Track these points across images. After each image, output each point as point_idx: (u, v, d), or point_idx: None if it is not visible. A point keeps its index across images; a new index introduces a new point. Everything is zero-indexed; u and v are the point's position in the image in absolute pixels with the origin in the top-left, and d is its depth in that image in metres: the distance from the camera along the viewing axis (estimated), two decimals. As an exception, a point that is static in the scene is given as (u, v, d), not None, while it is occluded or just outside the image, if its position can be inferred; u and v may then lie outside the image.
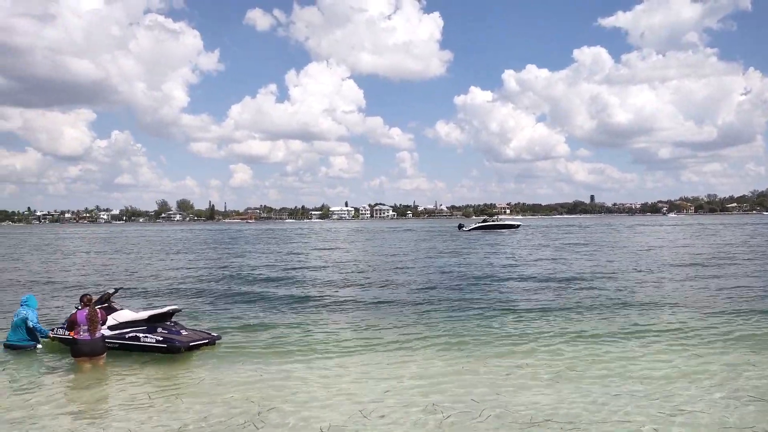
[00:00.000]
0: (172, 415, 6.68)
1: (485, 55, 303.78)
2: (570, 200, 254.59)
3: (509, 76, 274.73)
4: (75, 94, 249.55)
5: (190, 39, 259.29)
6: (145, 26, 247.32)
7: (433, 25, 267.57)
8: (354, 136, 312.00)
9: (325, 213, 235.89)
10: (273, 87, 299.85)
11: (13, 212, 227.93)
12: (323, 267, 25.32)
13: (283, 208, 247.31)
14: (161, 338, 9.07)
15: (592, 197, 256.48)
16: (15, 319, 9.72)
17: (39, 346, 9.69)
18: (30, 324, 9.61)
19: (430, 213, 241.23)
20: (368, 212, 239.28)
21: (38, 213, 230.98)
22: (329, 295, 16.21)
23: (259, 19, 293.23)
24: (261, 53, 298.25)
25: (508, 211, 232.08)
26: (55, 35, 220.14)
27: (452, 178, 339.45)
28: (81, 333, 8.67)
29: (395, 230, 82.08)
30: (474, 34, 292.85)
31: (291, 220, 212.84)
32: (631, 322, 11.47)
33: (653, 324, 11.20)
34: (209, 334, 9.94)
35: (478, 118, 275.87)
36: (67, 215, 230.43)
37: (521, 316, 12.28)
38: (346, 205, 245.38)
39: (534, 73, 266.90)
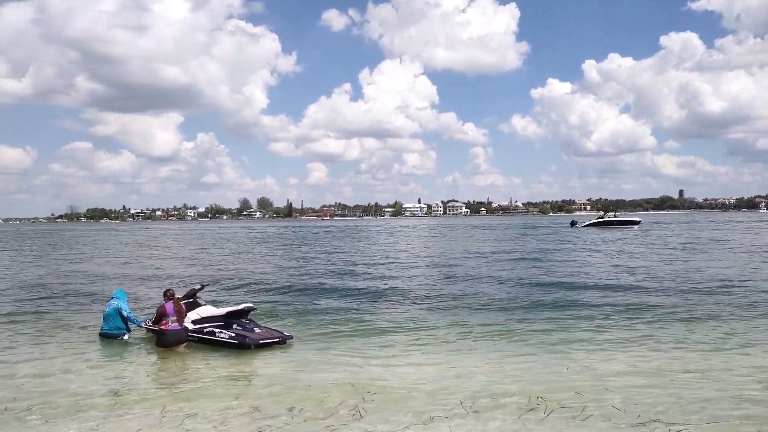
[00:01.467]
0: (275, 398, 7.07)
1: (564, 46, 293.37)
2: (656, 196, 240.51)
3: (590, 67, 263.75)
4: (165, 98, 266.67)
5: (269, 42, 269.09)
6: (228, 31, 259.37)
7: (509, 16, 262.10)
8: (427, 133, 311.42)
9: (397, 210, 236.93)
10: (347, 86, 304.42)
11: (110, 210, 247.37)
12: (411, 264, 25.52)
13: (356, 206, 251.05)
14: (233, 335, 9.72)
15: (681, 192, 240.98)
16: (107, 310, 10.63)
17: (128, 335, 10.57)
18: (124, 313, 10.52)
19: (504, 210, 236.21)
20: (441, 209, 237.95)
21: (132, 211, 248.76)
22: (419, 292, 16.34)
23: (334, 19, 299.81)
24: (336, 53, 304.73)
25: (588, 207, 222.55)
26: (148, 44, 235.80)
27: (529, 174, 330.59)
28: (170, 324, 9.46)
29: (476, 227, 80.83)
30: (552, 23, 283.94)
31: (369, 217, 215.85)
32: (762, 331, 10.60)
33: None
34: (281, 333, 10.32)
35: (556, 110, 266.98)
36: (158, 213, 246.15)
37: (635, 317, 11.87)
38: (419, 202, 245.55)
39: (617, 62, 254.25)
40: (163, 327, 9.47)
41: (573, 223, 67.26)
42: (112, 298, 10.85)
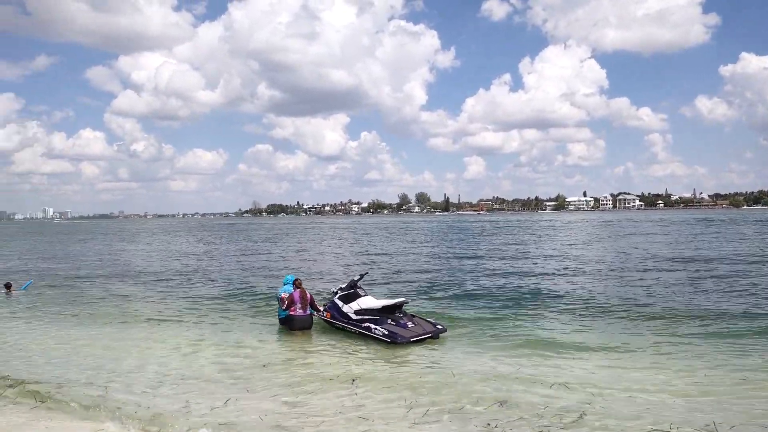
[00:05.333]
0: (479, 394, 6.86)
1: (763, 15, 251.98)
2: None
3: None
4: (334, 101, 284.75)
5: (429, 39, 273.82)
6: (390, 32, 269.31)
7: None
8: (595, 121, 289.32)
9: (560, 204, 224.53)
10: (507, 77, 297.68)
11: (287, 205, 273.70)
12: (583, 268, 24.00)
13: (515, 200, 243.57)
14: (387, 332, 9.89)
15: None
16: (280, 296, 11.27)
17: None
18: None
19: (686, 202, 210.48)
20: (610, 202, 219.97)
21: (305, 206, 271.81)
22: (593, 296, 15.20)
23: (495, 8, 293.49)
24: (495, 44, 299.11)
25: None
26: (318, 50, 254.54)
27: (716, 162, 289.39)
28: (297, 310, 10.45)
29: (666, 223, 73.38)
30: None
31: (528, 212, 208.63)
32: None
33: None
34: (434, 326, 10.35)
35: (752, 89, 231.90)
36: (326, 208, 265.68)
37: None
38: (585, 195, 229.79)
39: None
40: (291, 312, 10.58)
41: None
42: (284, 284, 11.64)
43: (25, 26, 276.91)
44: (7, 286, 17.21)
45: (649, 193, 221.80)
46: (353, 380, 7.66)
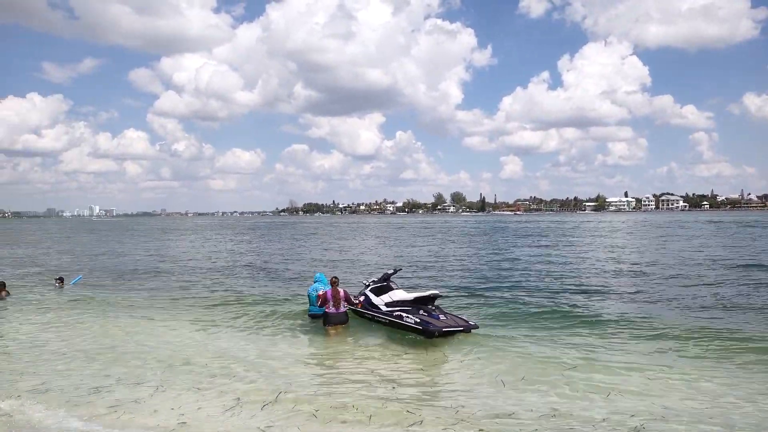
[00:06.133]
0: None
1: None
2: None
3: None
4: (369, 100, 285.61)
5: (465, 37, 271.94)
6: (426, 31, 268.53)
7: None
8: (637, 119, 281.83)
9: (600, 204, 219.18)
10: (545, 74, 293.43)
11: (322, 204, 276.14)
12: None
13: (553, 200, 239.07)
14: (419, 320, 9.82)
15: None
16: (314, 294, 11.37)
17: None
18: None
19: (733, 204, 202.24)
20: (652, 203, 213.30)
21: (340, 205, 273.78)
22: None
23: (533, 5, 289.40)
24: (533, 41, 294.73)
25: None
26: (354, 50, 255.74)
27: (766, 162, 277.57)
28: (330, 307, 10.65)
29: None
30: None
31: (567, 212, 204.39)
32: None
33: None
34: (467, 322, 10.18)
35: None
36: (361, 207, 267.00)
37: None
38: (626, 195, 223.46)
39: None
40: (327, 310, 10.76)
41: None
42: (315, 281, 11.64)
43: (73, 30, 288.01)
44: (60, 280, 17.94)
45: (693, 194, 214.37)
46: (393, 385, 7.64)
